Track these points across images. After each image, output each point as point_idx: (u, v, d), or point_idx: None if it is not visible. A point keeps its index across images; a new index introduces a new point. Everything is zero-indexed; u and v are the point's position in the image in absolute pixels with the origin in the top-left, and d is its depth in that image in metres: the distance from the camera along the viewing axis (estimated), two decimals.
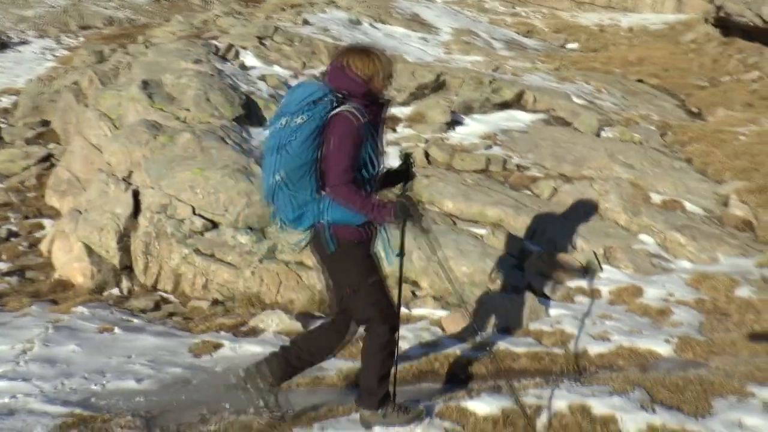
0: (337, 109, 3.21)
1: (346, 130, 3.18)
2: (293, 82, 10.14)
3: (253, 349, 5.08)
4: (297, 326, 5.48)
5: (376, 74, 3.33)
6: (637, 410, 3.44)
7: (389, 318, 3.44)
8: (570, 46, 19.23)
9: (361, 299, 3.36)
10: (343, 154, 3.19)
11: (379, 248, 3.50)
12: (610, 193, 7.35)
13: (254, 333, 5.44)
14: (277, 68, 10.66)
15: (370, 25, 15.51)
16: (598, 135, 9.49)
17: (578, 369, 4.01)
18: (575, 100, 10.88)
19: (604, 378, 3.92)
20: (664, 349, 4.51)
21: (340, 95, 3.24)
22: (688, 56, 14.80)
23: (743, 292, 5.53)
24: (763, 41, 12.11)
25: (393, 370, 3.57)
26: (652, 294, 5.59)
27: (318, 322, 5.48)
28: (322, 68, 11.14)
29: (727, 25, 13.77)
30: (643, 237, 6.73)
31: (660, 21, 21.19)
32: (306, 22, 14.05)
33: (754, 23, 12.16)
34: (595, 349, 4.60)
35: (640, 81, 13.58)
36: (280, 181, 3.22)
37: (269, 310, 5.77)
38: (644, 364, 4.28)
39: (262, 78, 9.96)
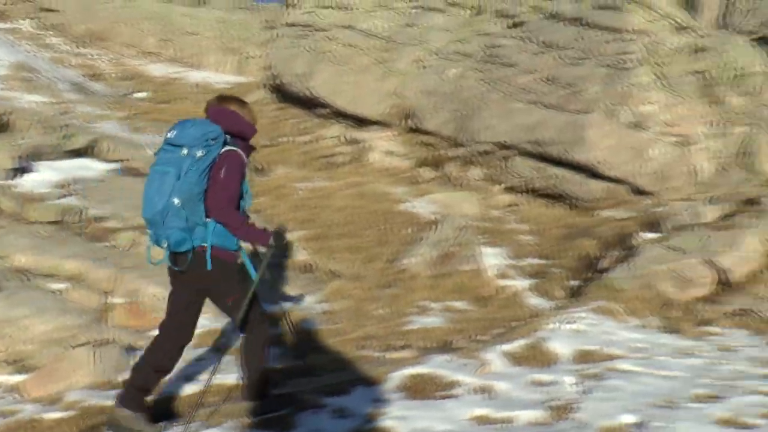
0: (227, 147, 3.82)
1: (237, 165, 3.82)
2: None
3: None
4: None
5: (253, 122, 4.08)
6: None
7: (265, 319, 4.06)
8: (139, 95, 19.21)
9: (241, 307, 3.85)
10: (233, 184, 3.80)
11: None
12: None
13: None
14: None
15: None
16: None
17: (178, 412, 4.21)
18: (149, 151, 11.05)
19: (201, 415, 4.18)
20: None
21: (227, 136, 3.85)
22: None
23: (309, 324, 6.32)
24: (312, 109, 13.92)
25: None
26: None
27: None
28: None
29: (282, 92, 15.44)
30: None
31: (223, 81, 22.57)
32: None
33: (304, 94, 13.93)
34: (186, 391, 4.83)
35: None
36: (178, 204, 3.62)
37: None
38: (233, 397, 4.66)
39: None
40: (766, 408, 3.87)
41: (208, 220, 3.74)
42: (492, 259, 7.66)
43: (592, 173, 9.71)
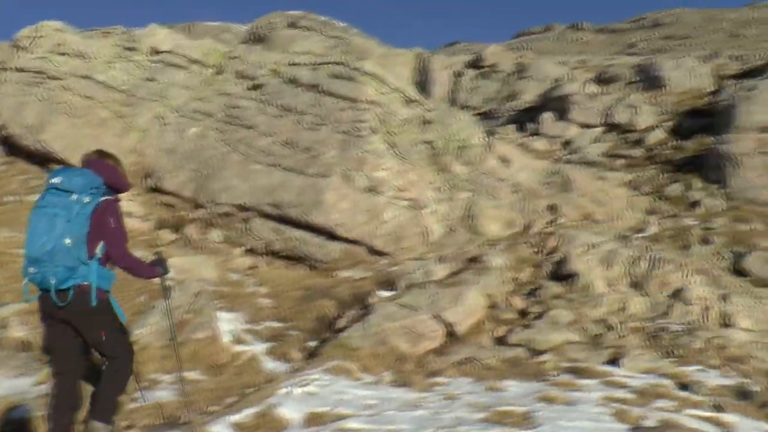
0: (106, 197, 4.15)
1: (119, 212, 4.19)
2: None
3: None
4: None
5: (126, 178, 4.46)
6: None
7: (131, 353, 4.35)
8: None
9: (112, 340, 4.18)
10: (122, 229, 4.17)
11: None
12: None
13: None
14: None
15: None
16: None
17: None
18: None
19: None
20: None
21: (105, 186, 4.18)
22: None
23: (22, 412, 5.58)
24: (45, 164, 12.83)
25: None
26: None
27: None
28: None
29: (10, 144, 14.09)
30: None
31: None
32: None
33: (35, 147, 12.86)
34: None
35: None
36: (69, 244, 3.91)
37: None
38: None
39: None
40: None
41: (90, 260, 4.02)
42: (228, 324, 7.50)
43: (331, 235, 10.05)
